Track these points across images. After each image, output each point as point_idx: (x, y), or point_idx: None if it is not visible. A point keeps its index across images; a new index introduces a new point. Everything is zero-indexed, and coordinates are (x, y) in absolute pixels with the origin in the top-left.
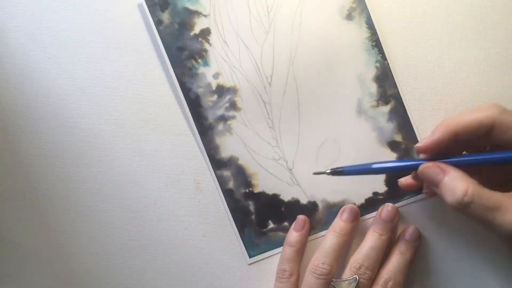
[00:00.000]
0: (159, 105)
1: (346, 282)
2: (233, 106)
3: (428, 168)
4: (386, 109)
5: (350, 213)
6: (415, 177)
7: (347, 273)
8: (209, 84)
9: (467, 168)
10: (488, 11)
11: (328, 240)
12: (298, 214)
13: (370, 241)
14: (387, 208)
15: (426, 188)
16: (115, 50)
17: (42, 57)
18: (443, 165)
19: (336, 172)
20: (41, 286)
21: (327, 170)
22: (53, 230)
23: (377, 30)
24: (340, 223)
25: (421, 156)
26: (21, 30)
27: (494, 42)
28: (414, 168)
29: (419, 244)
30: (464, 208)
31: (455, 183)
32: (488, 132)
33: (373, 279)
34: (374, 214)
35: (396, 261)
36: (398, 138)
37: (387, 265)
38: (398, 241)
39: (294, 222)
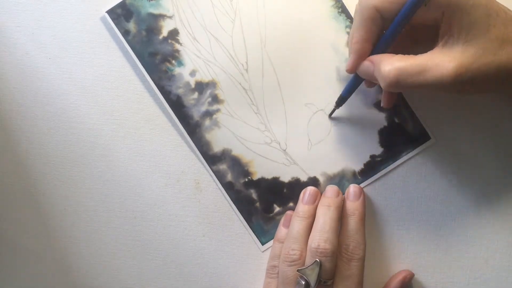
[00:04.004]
0: (159, 105)
1: (309, 268)
2: (215, 99)
3: (361, 65)
4: None
5: (310, 195)
6: (367, 83)
7: (309, 258)
8: (188, 83)
9: (396, 45)
10: None
11: (293, 226)
12: (300, 193)
13: (320, 216)
14: (330, 187)
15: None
16: (115, 50)
17: (42, 57)
18: (371, 57)
19: (339, 102)
20: (41, 286)
21: (333, 106)
22: (53, 230)
23: None
24: (302, 207)
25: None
26: (21, 30)
27: None
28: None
29: (364, 200)
30: (397, 86)
31: (380, 68)
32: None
33: (336, 251)
34: (375, 177)
35: (348, 224)
36: None
37: (342, 231)
38: (344, 206)
39: (283, 217)
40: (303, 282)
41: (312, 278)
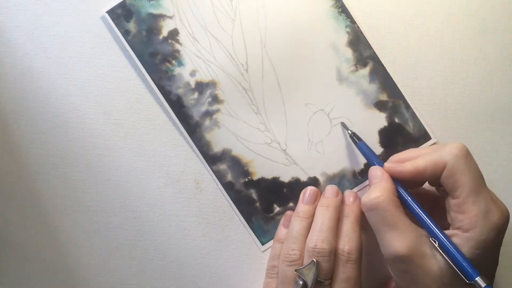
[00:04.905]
0: (159, 105)
1: (306, 268)
2: (215, 99)
3: (372, 169)
4: (365, 71)
5: (310, 195)
6: None
7: (306, 259)
8: (188, 83)
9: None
10: (488, 11)
11: (293, 226)
12: (300, 193)
13: (319, 216)
14: (329, 187)
15: None
16: (115, 50)
17: (42, 57)
18: (385, 174)
19: (353, 138)
20: (41, 286)
21: (349, 131)
22: (53, 230)
23: None
24: (302, 207)
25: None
26: (21, 30)
27: (494, 42)
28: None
29: (359, 203)
30: (367, 211)
31: (375, 188)
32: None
33: (333, 251)
34: None
35: (344, 226)
36: (383, 97)
37: (338, 233)
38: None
39: (283, 218)
40: (301, 282)
41: (309, 278)
